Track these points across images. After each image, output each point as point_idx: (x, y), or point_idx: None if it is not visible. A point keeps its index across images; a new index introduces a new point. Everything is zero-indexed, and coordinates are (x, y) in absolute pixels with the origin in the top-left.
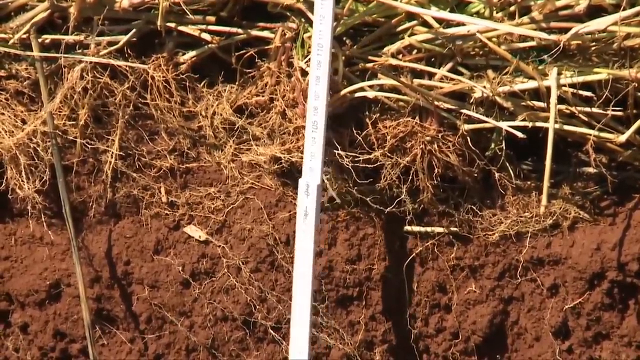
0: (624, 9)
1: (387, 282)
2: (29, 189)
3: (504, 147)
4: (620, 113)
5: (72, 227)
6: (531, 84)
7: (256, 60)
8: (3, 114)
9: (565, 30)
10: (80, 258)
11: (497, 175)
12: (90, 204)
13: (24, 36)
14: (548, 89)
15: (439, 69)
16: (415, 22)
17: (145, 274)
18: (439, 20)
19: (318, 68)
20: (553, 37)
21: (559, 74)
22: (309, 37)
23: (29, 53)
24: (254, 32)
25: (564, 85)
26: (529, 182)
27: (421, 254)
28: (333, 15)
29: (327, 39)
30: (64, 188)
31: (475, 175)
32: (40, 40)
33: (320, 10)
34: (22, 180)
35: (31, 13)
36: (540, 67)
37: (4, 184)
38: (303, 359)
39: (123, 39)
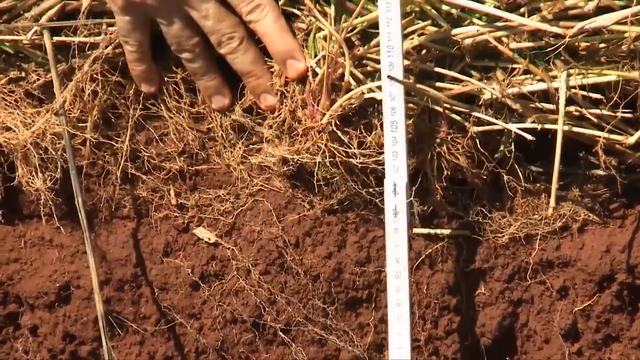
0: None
1: None
2: (41, 185)
3: (513, 149)
4: (629, 115)
5: (84, 218)
6: (540, 86)
7: (265, 59)
8: (12, 113)
9: None
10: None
11: (506, 177)
12: (100, 206)
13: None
14: (557, 90)
15: (449, 70)
16: (426, 22)
17: (155, 276)
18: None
19: (391, 69)
20: (559, 30)
21: (569, 75)
22: (322, 37)
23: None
24: None
25: (574, 87)
26: (538, 185)
27: (430, 256)
28: (401, 16)
29: (398, 40)
30: (76, 179)
31: (485, 177)
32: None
33: (387, 13)
34: (34, 177)
35: (43, 6)
36: (549, 68)
37: (15, 181)
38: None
39: None
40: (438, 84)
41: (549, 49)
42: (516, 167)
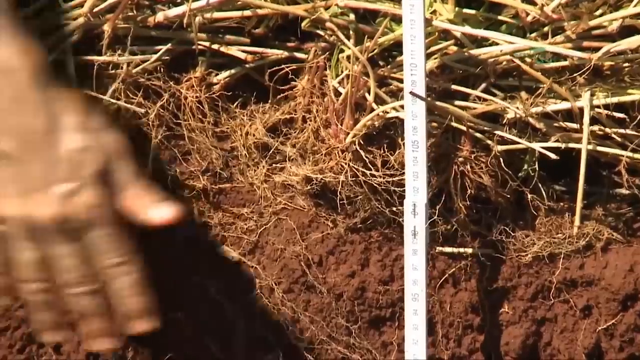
0: None
1: None
2: None
3: (537, 168)
4: None
5: None
6: (564, 105)
7: (290, 76)
8: None
9: (598, 49)
10: None
11: (529, 196)
12: None
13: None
14: (581, 110)
15: (472, 89)
16: (449, 42)
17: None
18: (473, 40)
19: (413, 87)
20: (584, 55)
21: (592, 95)
22: (344, 57)
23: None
24: (287, 53)
25: (597, 107)
26: (561, 204)
27: (454, 274)
28: (425, 35)
29: (421, 58)
30: None
31: (508, 196)
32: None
33: (411, 31)
34: None
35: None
36: (573, 88)
37: None
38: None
39: (153, 57)
40: (462, 102)
41: (576, 76)
42: (540, 186)
